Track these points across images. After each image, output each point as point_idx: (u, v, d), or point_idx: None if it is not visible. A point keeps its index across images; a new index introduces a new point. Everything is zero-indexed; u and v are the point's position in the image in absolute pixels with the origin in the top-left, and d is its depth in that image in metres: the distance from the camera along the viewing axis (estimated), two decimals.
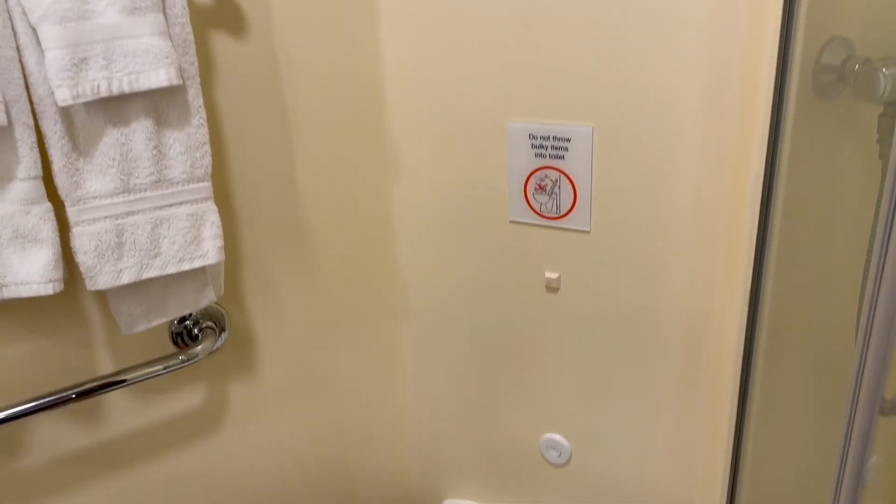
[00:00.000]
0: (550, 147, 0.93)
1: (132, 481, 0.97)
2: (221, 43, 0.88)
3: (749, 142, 0.81)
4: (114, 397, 0.93)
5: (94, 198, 0.77)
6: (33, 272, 0.75)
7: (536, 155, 0.95)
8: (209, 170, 0.83)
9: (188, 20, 0.78)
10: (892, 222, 0.66)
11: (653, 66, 0.83)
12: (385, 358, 1.18)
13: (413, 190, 1.06)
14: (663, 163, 0.87)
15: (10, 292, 0.75)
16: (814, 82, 0.81)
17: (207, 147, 0.82)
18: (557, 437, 1.10)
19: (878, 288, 0.67)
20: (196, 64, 0.79)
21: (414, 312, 1.15)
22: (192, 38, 0.78)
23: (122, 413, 0.94)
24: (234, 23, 0.88)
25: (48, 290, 0.75)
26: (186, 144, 0.81)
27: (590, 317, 0.99)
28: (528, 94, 0.93)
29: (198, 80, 0.80)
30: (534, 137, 0.94)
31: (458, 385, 1.16)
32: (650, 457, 1.02)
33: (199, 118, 0.81)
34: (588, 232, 0.95)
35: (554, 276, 1.00)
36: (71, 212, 0.76)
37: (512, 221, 1.00)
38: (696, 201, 0.87)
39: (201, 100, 0.81)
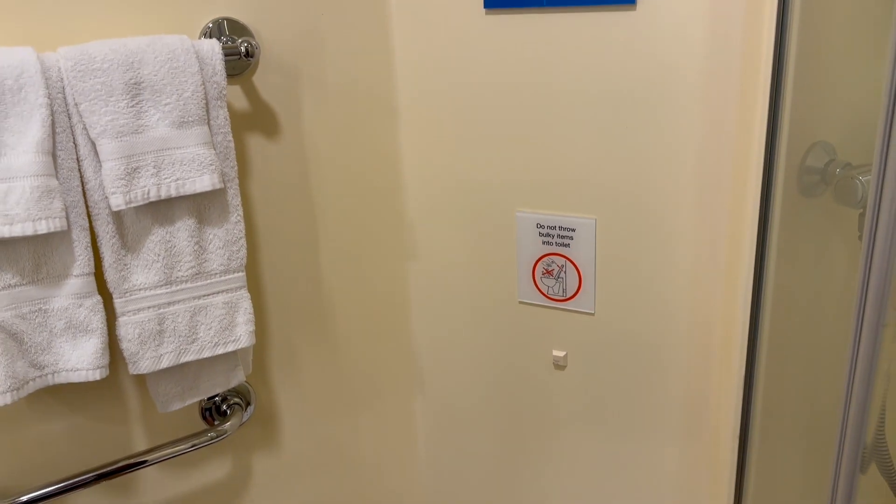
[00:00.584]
0: (557, 236, 1.01)
1: None
2: (257, 144, 0.96)
3: (739, 235, 0.88)
4: (146, 470, 0.98)
5: (140, 290, 0.84)
6: (83, 359, 0.81)
7: (544, 242, 1.02)
8: (244, 261, 0.90)
9: (229, 129, 0.86)
10: (864, 308, 0.72)
11: (650, 165, 0.91)
12: (400, 430, 1.23)
13: (428, 271, 1.13)
14: (661, 253, 0.94)
15: (62, 378, 0.81)
16: (799, 182, 0.89)
17: (243, 241, 0.89)
18: None
19: (855, 365, 0.74)
20: (235, 167, 0.87)
21: (428, 387, 1.21)
22: (232, 144, 0.86)
23: (154, 485, 0.99)
24: (270, 126, 0.96)
25: (96, 376, 0.82)
26: (225, 239, 0.88)
27: (596, 394, 1.05)
28: (536, 187, 1.00)
29: (236, 181, 0.88)
30: (541, 227, 1.01)
31: (469, 457, 1.21)
32: None
33: (236, 215, 0.88)
34: (593, 314, 1.02)
35: (561, 354, 1.06)
36: (118, 303, 0.83)
37: (521, 302, 1.07)
38: (692, 288, 0.94)
39: (239, 198, 0.88)
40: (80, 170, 0.79)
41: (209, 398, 1.01)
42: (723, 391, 0.96)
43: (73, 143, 0.78)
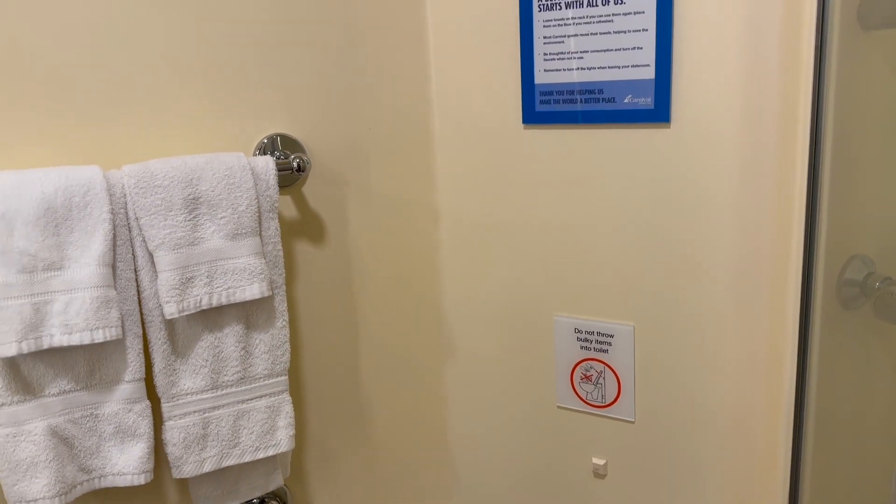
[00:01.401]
0: (595, 341, 1.01)
1: None
2: (303, 250, 1.00)
3: (780, 346, 0.88)
4: None
5: (187, 394, 0.86)
6: (130, 464, 0.83)
7: (582, 347, 1.02)
8: (287, 365, 0.92)
9: (279, 239, 0.90)
10: None
11: (687, 274, 0.92)
12: None
13: (466, 373, 1.14)
14: (701, 362, 0.94)
15: (108, 482, 0.83)
16: (838, 295, 0.89)
17: (287, 345, 0.92)
18: None
19: None
20: (283, 274, 0.91)
21: (465, 489, 1.19)
22: (281, 253, 0.90)
23: None
24: (316, 233, 1.00)
25: (141, 480, 0.83)
26: (270, 344, 0.90)
27: (637, 502, 1.03)
28: (573, 292, 1.02)
29: (284, 287, 0.91)
30: (579, 331, 1.02)
31: None
32: None
33: (282, 321, 0.91)
34: (633, 422, 1.01)
35: (601, 462, 1.04)
36: (165, 407, 0.86)
37: (559, 407, 1.07)
38: (733, 398, 0.93)
39: (285, 304, 0.91)
40: (136, 279, 0.83)
41: (247, 501, 1.01)
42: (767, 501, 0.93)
43: (132, 254, 0.82)
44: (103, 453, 0.82)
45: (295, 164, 0.92)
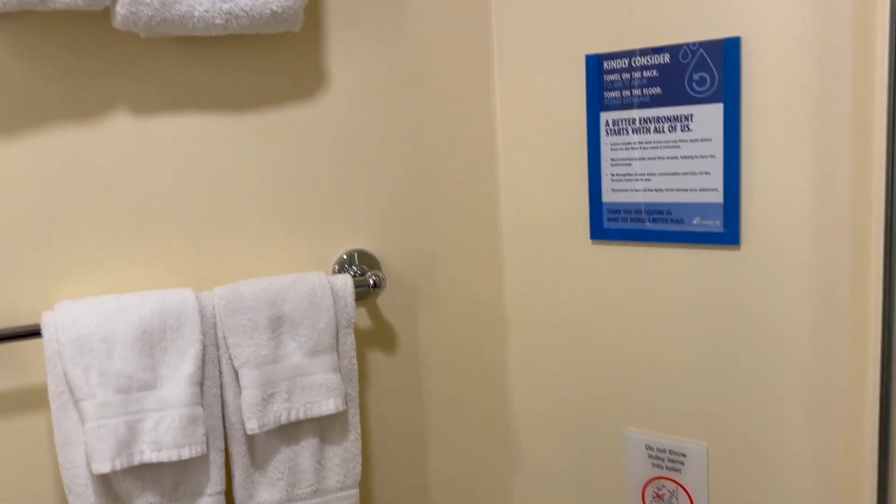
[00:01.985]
0: (667, 459, 1.00)
1: None
2: (376, 360, 1.03)
3: (858, 471, 0.85)
4: None
5: None
6: None
7: (653, 465, 1.01)
8: (358, 478, 0.94)
9: (354, 353, 0.93)
10: None
11: (759, 395, 0.90)
12: None
13: (533, 486, 1.13)
14: (777, 486, 0.91)
15: None
16: None
17: (359, 458, 0.94)
18: None
19: None
20: (357, 387, 0.94)
21: None
22: (356, 367, 0.93)
23: None
24: (389, 343, 1.04)
25: None
26: (343, 457, 0.93)
27: None
28: (644, 407, 1.01)
29: (357, 400, 0.94)
30: (650, 448, 1.01)
31: None
32: None
33: (355, 433, 0.93)
34: None
35: None
36: None
37: None
38: None
39: (358, 416, 0.94)
40: (221, 395, 0.87)
41: None
42: None
43: (219, 371, 0.86)
44: None
45: (371, 282, 0.96)
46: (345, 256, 1.00)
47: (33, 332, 0.79)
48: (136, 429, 0.79)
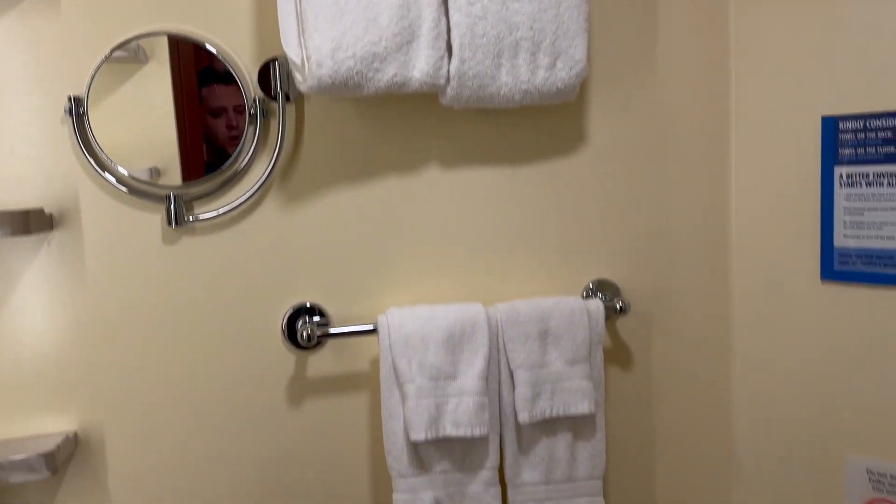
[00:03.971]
0: (888, 483, 1.08)
1: None
2: (615, 376, 1.21)
3: None
4: None
5: (527, 485, 1.09)
6: None
7: (874, 488, 1.09)
8: (603, 471, 1.12)
9: (602, 366, 1.12)
10: None
11: None
12: None
13: (752, 501, 1.25)
14: None
15: None
16: None
17: (604, 455, 1.12)
18: None
19: None
20: (604, 396, 1.12)
21: None
22: (603, 378, 1.12)
23: None
24: (626, 362, 1.21)
25: None
26: (591, 452, 1.11)
27: None
28: (868, 433, 1.09)
29: (603, 406, 1.12)
30: (872, 473, 1.09)
31: None
32: None
33: (601, 433, 1.11)
34: None
35: None
36: (510, 493, 1.09)
37: None
38: None
39: (604, 420, 1.12)
40: (499, 391, 1.09)
41: None
42: None
43: (498, 370, 1.08)
44: None
45: (618, 306, 1.14)
46: (591, 285, 1.19)
47: (371, 331, 1.06)
48: (442, 409, 1.03)
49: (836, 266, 1.09)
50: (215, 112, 1.03)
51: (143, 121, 1.01)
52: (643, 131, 1.18)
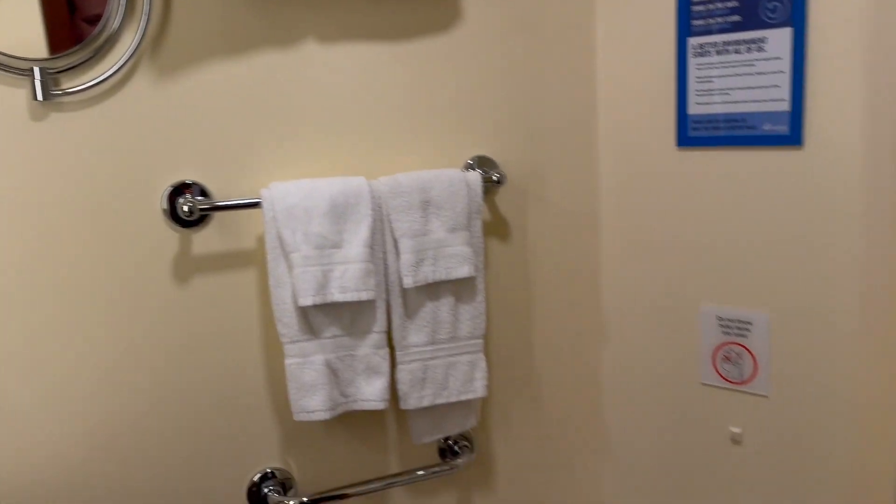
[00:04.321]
0: (735, 327, 1.21)
1: None
2: (494, 245, 1.28)
3: None
4: (396, 490, 1.27)
5: (413, 346, 1.16)
6: (374, 393, 1.13)
7: (724, 332, 1.23)
8: (483, 331, 1.20)
9: (482, 235, 1.18)
10: None
11: (817, 272, 1.11)
12: (591, 491, 1.44)
13: (621, 355, 1.37)
14: (828, 349, 1.12)
15: (358, 406, 1.14)
16: None
17: (484, 316, 1.20)
18: None
19: None
20: (483, 262, 1.19)
21: (616, 454, 1.42)
22: (483, 245, 1.19)
23: (398, 502, 1.28)
24: (504, 232, 1.29)
25: (381, 406, 1.13)
26: (472, 313, 1.19)
27: (770, 468, 1.21)
28: (717, 284, 1.22)
29: (483, 271, 1.19)
30: (721, 319, 1.23)
31: None
32: None
33: (481, 296, 1.19)
34: (767, 397, 1.20)
35: (738, 430, 1.24)
36: (398, 355, 1.16)
37: (702, 384, 1.27)
38: (856, 385, 1.10)
39: (484, 284, 1.19)
40: (385, 259, 1.14)
41: (445, 439, 1.30)
42: (883, 475, 1.09)
43: (383, 240, 1.13)
44: (356, 384, 1.14)
45: (495, 178, 1.21)
46: (470, 161, 1.25)
47: (254, 204, 1.08)
48: (328, 276, 1.07)
49: (690, 132, 1.19)
50: None
51: None
52: (514, 8, 1.23)
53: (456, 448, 1.30)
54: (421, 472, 1.23)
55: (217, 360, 1.14)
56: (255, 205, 1.08)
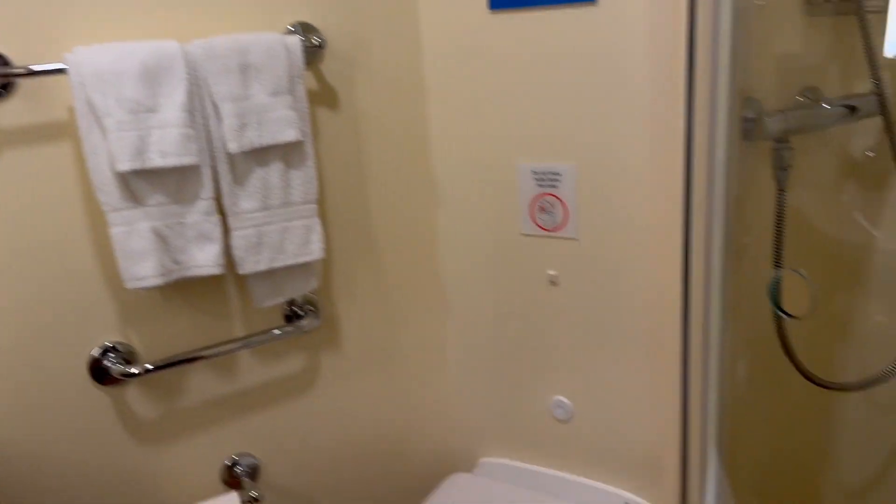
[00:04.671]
0: (548, 179, 1.33)
1: (254, 422, 1.36)
2: (324, 114, 1.31)
3: (690, 172, 1.19)
4: (243, 356, 1.32)
5: (245, 213, 1.19)
6: (208, 259, 1.16)
7: (538, 185, 1.34)
8: (316, 195, 1.24)
9: (306, 100, 1.20)
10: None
11: (613, 124, 1.23)
12: (434, 343, 1.56)
13: (452, 214, 1.46)
14: (624, 191, 1.25)
15: (192, 273, 1.16)
16: (740, 128, 1.19)
17: (315, 181, 1.24)
18: (563, 399, 1.45)
19: None
20: (310, 126, 1.22)
21: (453, 306, 1.53)
22: (307, 110, 1.21)
23: (249, 369, 1.33)
24: (332, 101, 1.31)
25: (216, 271, 1.16)
26: (303, 178, 1.22)
27: (582, 303, 1.36)
28: (531, 143, 1.32)
29: (311, 137, 1.22)
30: (536, 173, 1.33)
31: (488, 363, 1.53)
32: (628, 408, 1.37)
33: (310, 161, 1.23)
34: (577, 240, 1.33)
35: (554, 273, 1.37)
36: (230, 221, 1.18)
37: (522, 234, 1.39)
38: (649, 218, 1.24)
39: (312, 150, 1.23)
40: (206, 125, 1.14)
41: (290, 304, 1.35)
42: (669, 299, 1.25)
43: (203, 105, 1.13)
44: (189, 251, 1.15)
45: (316, 42, 1.22)
46: (290, 28, 1.25)
47: (59, 70, 1.04)
48: (146, 141, 1.07)
49: None
50: None
51: None
52: None
53: (300, 312, 1.36)
54: (265, 334, 1.28)
55: (41, 236, 1.12)
56: (61, 71, 1.04)
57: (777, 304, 1.26)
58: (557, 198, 1.33)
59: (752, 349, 1.35)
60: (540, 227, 1.36)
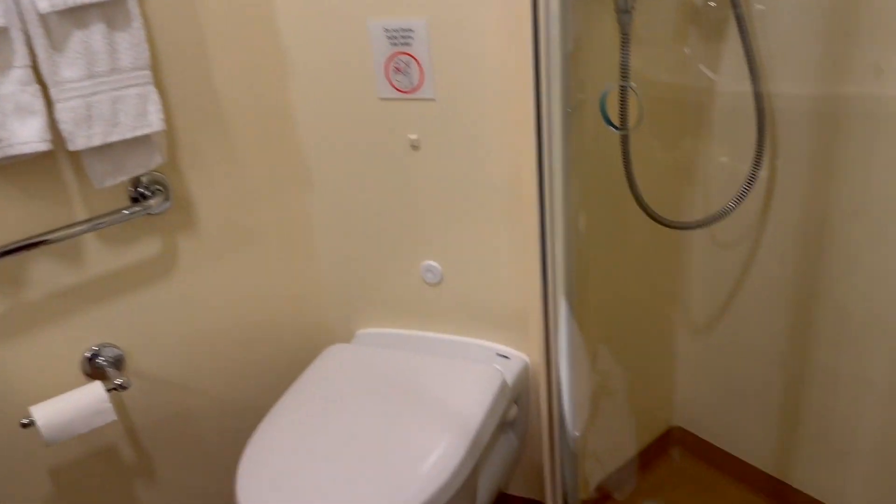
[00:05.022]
0: (400, 37, 1.29)
1: (112, 312, 1.30)
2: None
3: (531, 25, 1.18)
4: (91, 244, 1.24)
5: (68, 82, 1.08)
6: (32, 135, 1.06)
7: (392, 44, 1.30)
8: (148, 61, 1.15)
9: None
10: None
11: None
12: (298, 218, 1.53)
13: (306, 82, 1.40)
14: (478, 46, 1.23)
15: (15, 150, 1.06)
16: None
17: (145, 44, 1.14)
18: (432, 263, 1.47)
19: None
20: None
21: (316, 180, 1.50)
22: None
23: (96, 257, 1.26)
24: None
25: (42, 147, 1.06)
26: (130, 42, 1.12)
27: (444, 166, 1.36)
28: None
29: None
30: (388, 31, 1.29)
31: (357, 233, 1.52)
32: (494, 266, 1.41)
33: (137, 23, 1.12)
34: (434, 100, 1.31)
35: (415, 137, 1.36)
36: (53, 92, 1.07)
37: (380, 98, 1.36)
38: (501, 75, 1.24)
39: (139, 9, 1.12)
40: None
41: (136, 186, 1.27)
42: (525, 159, 1.28)
43: None
44: (8, 127, 1.05)
45: None
46: None
47: None
48: None
49: None
50: None
51: None
52: None
53: (147, 193, 1.28)
54: (110, 216, 1.21)
55: None
56: None
57: (606, 118, 1.31)
58: (412, 56, 1.29)
59: (601, 197, 1.42)
60: (397, 88, 1.33)
